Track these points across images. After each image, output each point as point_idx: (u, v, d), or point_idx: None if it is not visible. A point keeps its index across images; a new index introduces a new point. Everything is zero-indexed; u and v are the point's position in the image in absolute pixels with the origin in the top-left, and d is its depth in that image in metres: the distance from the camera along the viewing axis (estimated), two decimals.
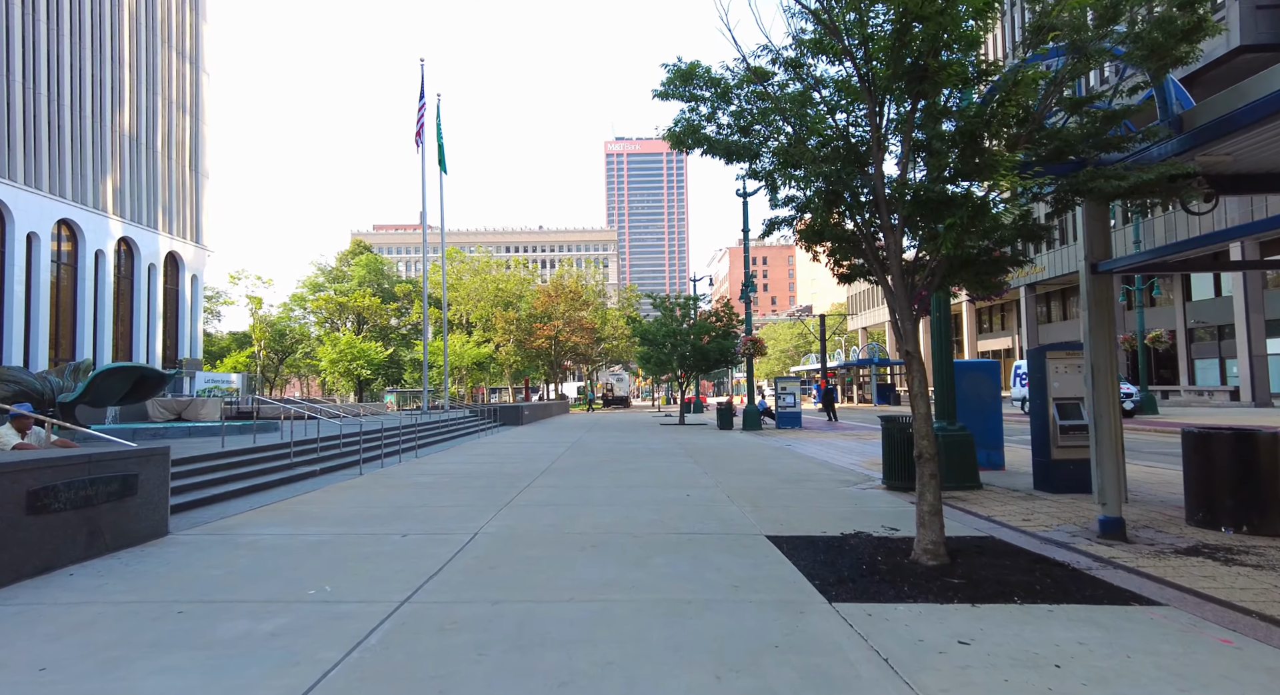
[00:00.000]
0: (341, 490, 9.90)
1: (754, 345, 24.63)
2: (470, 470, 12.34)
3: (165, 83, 41.38)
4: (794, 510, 8.05)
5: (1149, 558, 5.67)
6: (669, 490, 9.64)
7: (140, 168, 38.90)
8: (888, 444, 9.89)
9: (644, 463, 13.34)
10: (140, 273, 38.93)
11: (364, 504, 8.65)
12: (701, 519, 7.53)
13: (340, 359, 52.96)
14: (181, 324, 43.26)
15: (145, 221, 39.26)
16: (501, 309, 54.67)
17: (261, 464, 11.07)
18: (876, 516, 7.66)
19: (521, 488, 9.95)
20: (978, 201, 5.14)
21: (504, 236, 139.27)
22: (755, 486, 10.00)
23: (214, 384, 35.81)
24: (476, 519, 7.55)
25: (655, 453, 15.56)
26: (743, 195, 25.23)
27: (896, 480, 9.71)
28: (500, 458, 14.78)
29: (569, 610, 4.47)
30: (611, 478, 11.03)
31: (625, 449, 16.57)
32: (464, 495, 9.27)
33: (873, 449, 15.86)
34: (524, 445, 18.16)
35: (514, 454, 15.58)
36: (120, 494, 5.90)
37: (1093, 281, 6.70)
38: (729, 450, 16.10)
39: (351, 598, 4.76)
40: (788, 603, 4.61)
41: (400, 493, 9.55)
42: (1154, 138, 5.48)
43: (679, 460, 13.79)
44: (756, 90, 6.12)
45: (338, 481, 10.84)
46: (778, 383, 25.14)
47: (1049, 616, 4.31)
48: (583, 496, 9.12)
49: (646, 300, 33.81)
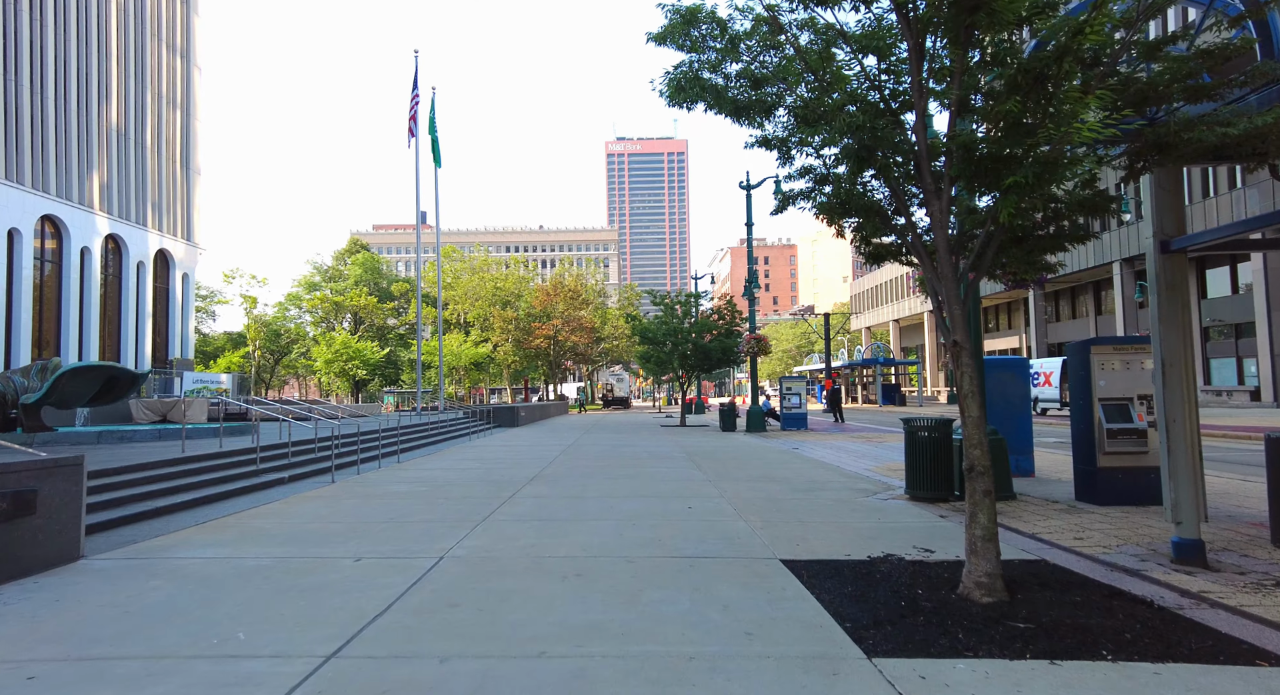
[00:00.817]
0: (305, 501, 8.92)
1: (758, 343, 23.63)
2: (452, 477, 11.36)
3: (155, 77, 40.46)
4: (811, 526, 7.07)
5: (1249, 592, 4.68)
6: (669, 501, 8.67)
7: (128, 163, 37.98)
8: (911, 449, 8.91)
9: (642, 468, 12.36)
10: (129, 271, 37.99)
11: (324, 518, 7.68)
12: (705, 537, 6.55)
13: (335, 359, 52.02)
14: (172, 323, 42.31)
15: (134, 218, 38.34)
16: (500, 308, 53.67)
17: (222, 472, 10.11)
18: (905, 534, 6.67)
19: (505, 498, 8.97)
20: (1046, 156, 4.15)
21: (504, 236, 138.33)
22: (764, 496, 9.02)
23: (203, 384, 34.87)
24: (446, 538, 6.57)
25: (655, 456, 14.58)
26: (746, 187, 24.26)
27: (921, 490, 8.73)
28: (488, 462, 13.80)
29: (536, 672, 3.49)
30: (606, 486, 10.05)
31: (623, 453, 15.59)
32: (439, 507, 8.29)
33: (886, 453, 14.87)
34: (516, 449, 17.19)
35: (503, 458, 14.61)
36: (9, 514, 4.93)
37: (1164, 262, 5.71)
38: (734, 454, 15.12)
39: (266, 650, 3.78)
40: (816, 659, 3.63)
41: (369, 505, 8.58)
42: (1266, 77, 4.46)
43: (680, 465, 12.81)
44: (770, 36, 5.14)
45: (305, 490, 9.87)
46: (783, 383, 24.15)
47: (1158, 683, 3.32)
48: (572, 509, 8.14)
49: (647, 298, 32.85)
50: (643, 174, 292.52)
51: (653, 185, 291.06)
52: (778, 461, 13.46)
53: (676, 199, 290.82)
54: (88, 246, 34.88)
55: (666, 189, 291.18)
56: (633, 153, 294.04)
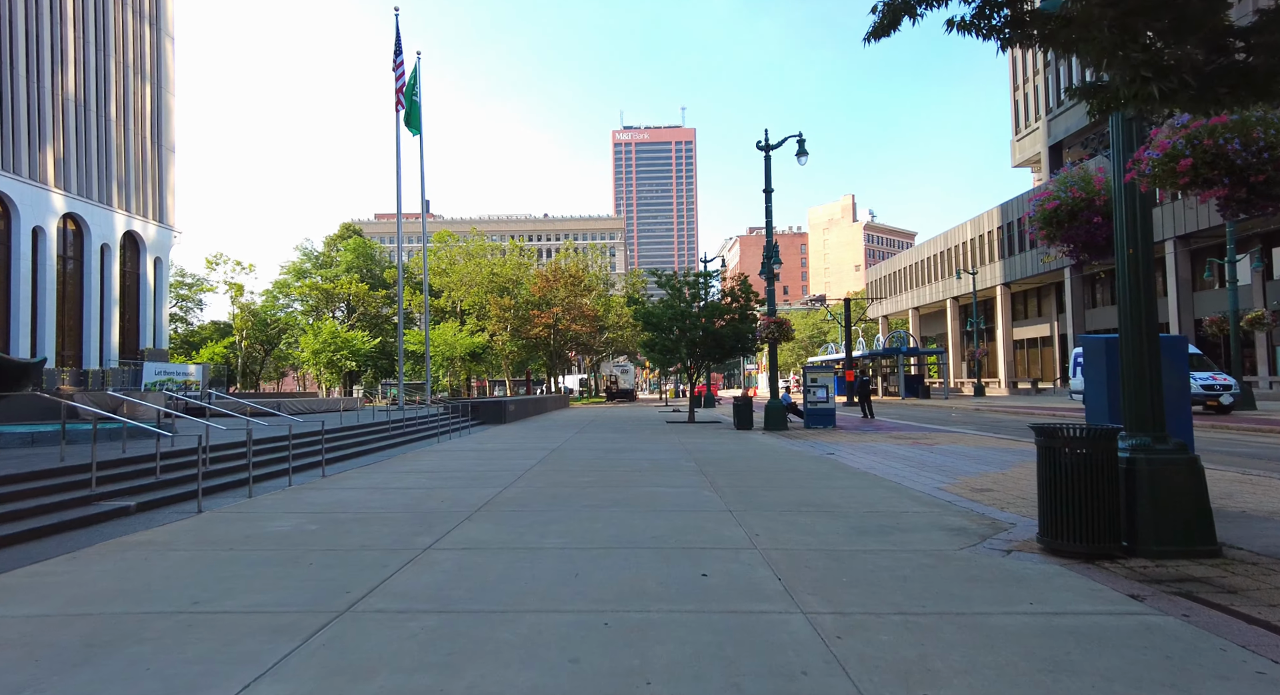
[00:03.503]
0: (109, 554, 5.83)
1: (778, 328, 20.40)
2: (373, 504, 8.25)
3: (120, 44, 37.40)
4: (922, 628, 3.89)
5: None
6: (671, 558, 5.53)
7: (89, 137, 34.99)
8: (1052, 474, 5.69)
9: (637, 487, 9.22)
10: (91, 254, 35.08)
11: (79, 601, 4.57)
12: (739, 668, 3.40)
13: (323, 349, 49.14)
14: (144, 311, 39.47)
15: (97, 197, 35.39)
16: (496, 295, 50.51)
17: (52, 496, 7.05)
18: (1105, 653, 3.49)
19: (419, 551, 5.84)
20: None
21: (506, 225, 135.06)
22: (818, 546, 5.86)
23: (168, 376, 31.94)
24: (244, 665, 3.45)
25: (657, 466, 11.45)
26: (765, 147, 20.99)
27: (1066, 539, 5.54)
28: (440, 476, 10.70)
29: None
30: (580, 524, 6.92)
31: (617, 462, 12.46)
32: (295, 575, 5.14)
33: (951, 461, 11.67)
34: (486, 455, 14.08)
35: (462, 470, 11.51)
36: None
37: None
38: (756, 463, 11.97)
39: None
40: None
41: (192, 569, 5.43)
42: None
43: (689, 483, 9.67)
44: None
45: (140, 529, 6.78)
46: (807, 374, 20.92)
47: None
48: (512, 579, 5.01)
49: (652, 281, 29.64)
50: (650, 164, 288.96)
51: (660, 175, 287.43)
52: (816, 475, 10.30)
53: (684, 189, 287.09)
54: (41, 226, 31.95)
55: (674, 178, 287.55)
56: (640, 142, 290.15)
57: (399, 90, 28.47)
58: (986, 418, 26.10)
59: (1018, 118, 56.39)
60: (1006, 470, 10.58)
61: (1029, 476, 9.65)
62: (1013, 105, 56.77)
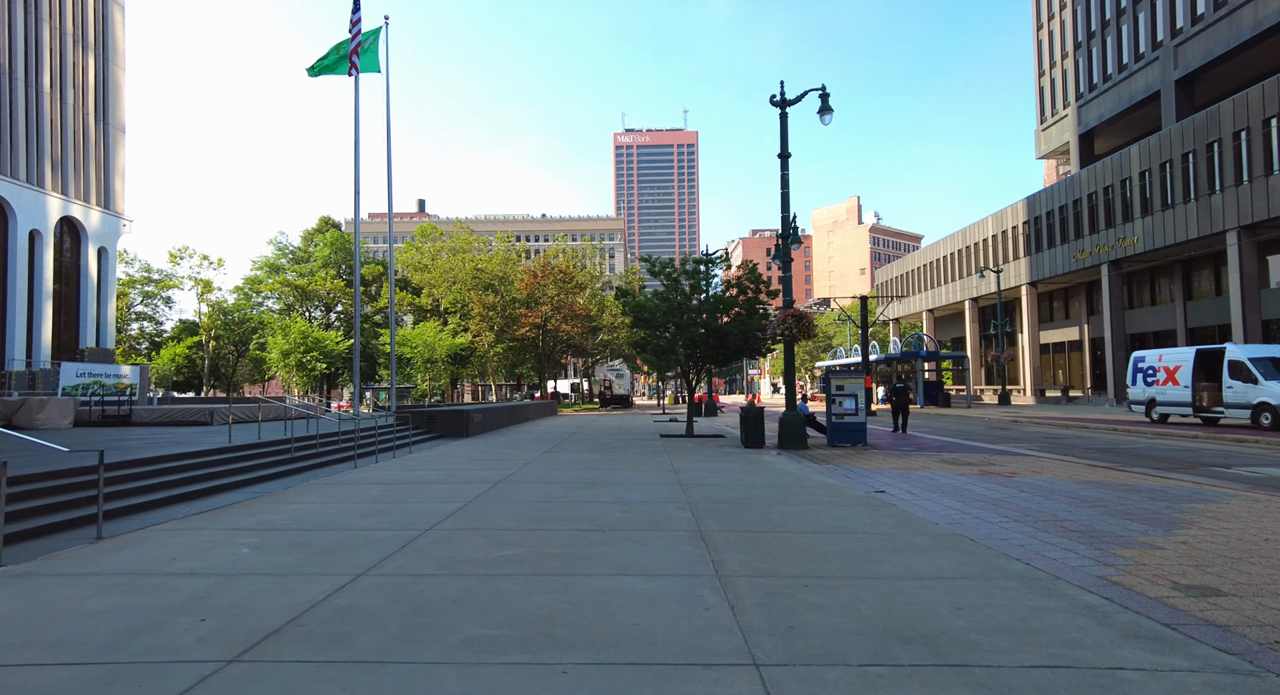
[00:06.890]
0: None
1: (796, 323, 16.52)
2: (92, 630, 4.39)
3: (56, 8, 33.68)
4: None
5: None
6: None
7: (14, 110, 31.23)
8: None
9: (586, 578, 5.37)
10: (17, 241, 31.26)
11: None
12: None
13: (293, 350, 45.29)
14: (85, 306, 35.61)
15: (25, 178, 31.61)
16: (481, 292, 46.63)
17: None
18: None
19: None
20: None
21: (503, 224, 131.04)
22: None
23: (94, 378, 28.12)
24: None
25: (632, 520, 7.58)
26: (780, 103, 17.17)
27: None
28: (257, 551, 6.83)
29: None
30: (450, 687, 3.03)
31: (578, 508, 8.59)
32: None
33: (1054, 506, 7.74)
34: (397, 490, 10.17)
35: (325, 524, 7.61)
36: None
37: None
38: (782, 514, 8.09)
39: None
40: None
41: None
42: None
43: (676, 566, 5.80)
44: None
45: None
46: (830, 379, 17.04)
47: None
48: None
49: (646, 273, 25.75)
50: (652, 166, 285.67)
51: (662, 177, 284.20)
52: (874, 540, 6.41)
53: (686, 191, 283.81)
54: None
55: (676, 181, 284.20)
56: (641, 144, 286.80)
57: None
58: (1036, 431, 22.18)
59: (1043, 105, 52.57)
60: (1176, 534, 6.70)
61: (1238, 547, 5.78)
62: (1037, 92, 52.96)
